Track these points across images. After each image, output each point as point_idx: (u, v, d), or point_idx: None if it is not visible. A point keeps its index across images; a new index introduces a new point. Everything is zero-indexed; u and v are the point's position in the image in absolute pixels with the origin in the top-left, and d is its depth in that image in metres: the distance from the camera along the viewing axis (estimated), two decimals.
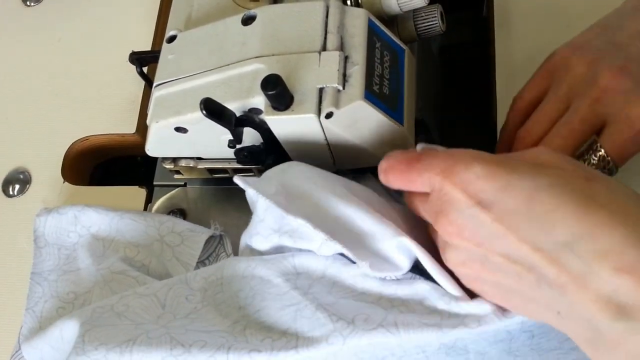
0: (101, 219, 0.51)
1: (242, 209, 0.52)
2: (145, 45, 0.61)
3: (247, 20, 0.44)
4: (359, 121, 0.41)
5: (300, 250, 0.40)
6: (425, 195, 0.36)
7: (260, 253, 0.42)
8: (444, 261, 0.36)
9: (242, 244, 0.44)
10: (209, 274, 0.43)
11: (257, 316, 0.40)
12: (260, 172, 0.48)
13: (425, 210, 0.37)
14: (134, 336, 0.40)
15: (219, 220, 0.50)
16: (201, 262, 0.49)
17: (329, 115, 0.40)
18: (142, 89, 0.59)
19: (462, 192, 0.33)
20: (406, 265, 0.38)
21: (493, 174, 0.32)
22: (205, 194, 0.54)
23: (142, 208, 0.55)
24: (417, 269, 0.39)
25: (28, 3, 0.67)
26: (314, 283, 0.40)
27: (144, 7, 0.64)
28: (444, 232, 0.34)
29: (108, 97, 0.60)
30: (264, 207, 0.41)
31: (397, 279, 0.39)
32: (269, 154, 0.45)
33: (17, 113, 0.61)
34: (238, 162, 0.47)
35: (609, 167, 0.41)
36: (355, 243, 0.39)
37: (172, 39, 0.47)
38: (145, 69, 0.51)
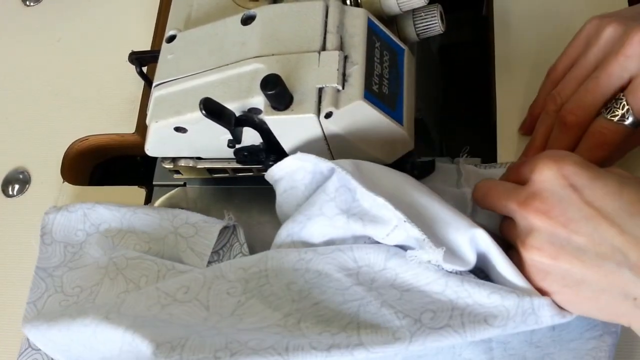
0: (112, 215, 0.50)
1: (241, 209, 0.52)
2: (145, 45, 0.61)
3: (247, 20, 0.44)
4: (358, 121, 0.41)
5: (366, 237, 0.40)
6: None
7: (305, 246, 0.42)
8: (523, 251, 0.37)
9: (281, 237, 0.43)
10: (249, 265, 0.42)
11: (314, 309, 0.40)
12: (260, 172, 0.48)
13: (514, 196, 0.38)
14: (186, 334, 0.39)
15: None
16: (215, 252, 0.49)
17: (328, 115, 0.40)
18: (142, 89, 0.59)
19: (558, 172, 0.36)
20: (473, 261, 0.38)
21: (587, 165, 0.36)
22: (205, 194, 0.54)
23: None
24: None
25: (28, 3, 0.67)
26: (376, 277, 0.39)
27: (144, 7, 0.64)
28: (532, 211, 0.36)
29: (108, 97, 0.60)
30: (336, 186, 0.40)
31: (460, 273, 0.38)
32: (268, 153, 0.45)
33: (17, 113, 0.61)
34: (238, 162, 0.47)
35: (629, 122, 0.42)
36: (427, 230, 0.38)
37: (171, 38, 0.47)
38: (144, 69, 0.51)
